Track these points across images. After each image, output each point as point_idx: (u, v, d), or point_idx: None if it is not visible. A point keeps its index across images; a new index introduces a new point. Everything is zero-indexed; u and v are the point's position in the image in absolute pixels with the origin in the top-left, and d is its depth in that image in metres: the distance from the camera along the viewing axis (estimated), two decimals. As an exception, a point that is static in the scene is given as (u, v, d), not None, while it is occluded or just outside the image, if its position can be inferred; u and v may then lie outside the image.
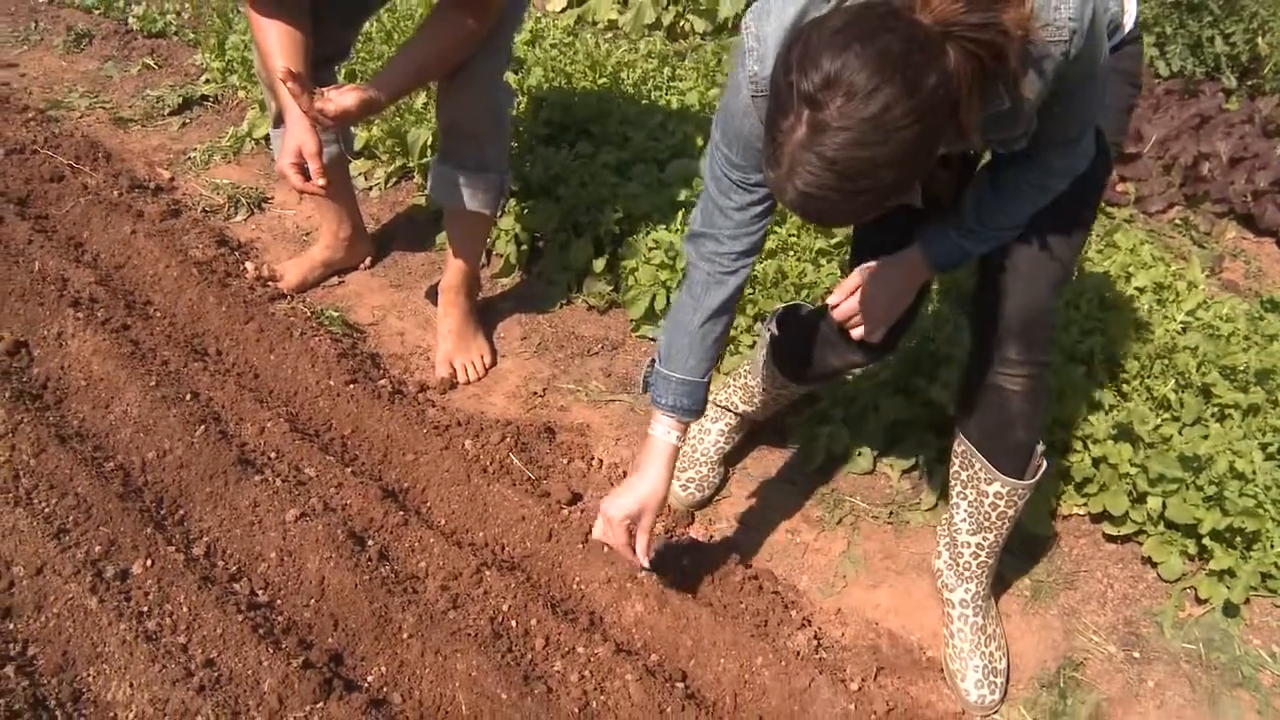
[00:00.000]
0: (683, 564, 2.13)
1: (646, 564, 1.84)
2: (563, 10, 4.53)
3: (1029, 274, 1.72)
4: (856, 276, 1.78)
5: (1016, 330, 1.75)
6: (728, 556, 2.17)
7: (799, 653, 1.95)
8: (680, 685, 1.84)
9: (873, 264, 1.76)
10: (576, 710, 1.75)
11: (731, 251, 1.67)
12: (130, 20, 4.33)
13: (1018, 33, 1.22)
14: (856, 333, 1.81)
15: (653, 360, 1.82)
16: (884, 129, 1.17)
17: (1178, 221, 3.39)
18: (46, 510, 2.02)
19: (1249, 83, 3.94)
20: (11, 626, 1.81)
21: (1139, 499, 2.19)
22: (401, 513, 2.11)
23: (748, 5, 4.18)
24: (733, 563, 2.14)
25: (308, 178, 2.16)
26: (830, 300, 1.81)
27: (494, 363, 2.69)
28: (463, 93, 2.34)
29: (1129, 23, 1.65)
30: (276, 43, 2.17)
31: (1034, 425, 1.85)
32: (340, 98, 2.07)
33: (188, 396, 2.34)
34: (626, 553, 1.82)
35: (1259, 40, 3.94)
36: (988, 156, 1.69)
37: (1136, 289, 2.72)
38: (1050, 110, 1.44)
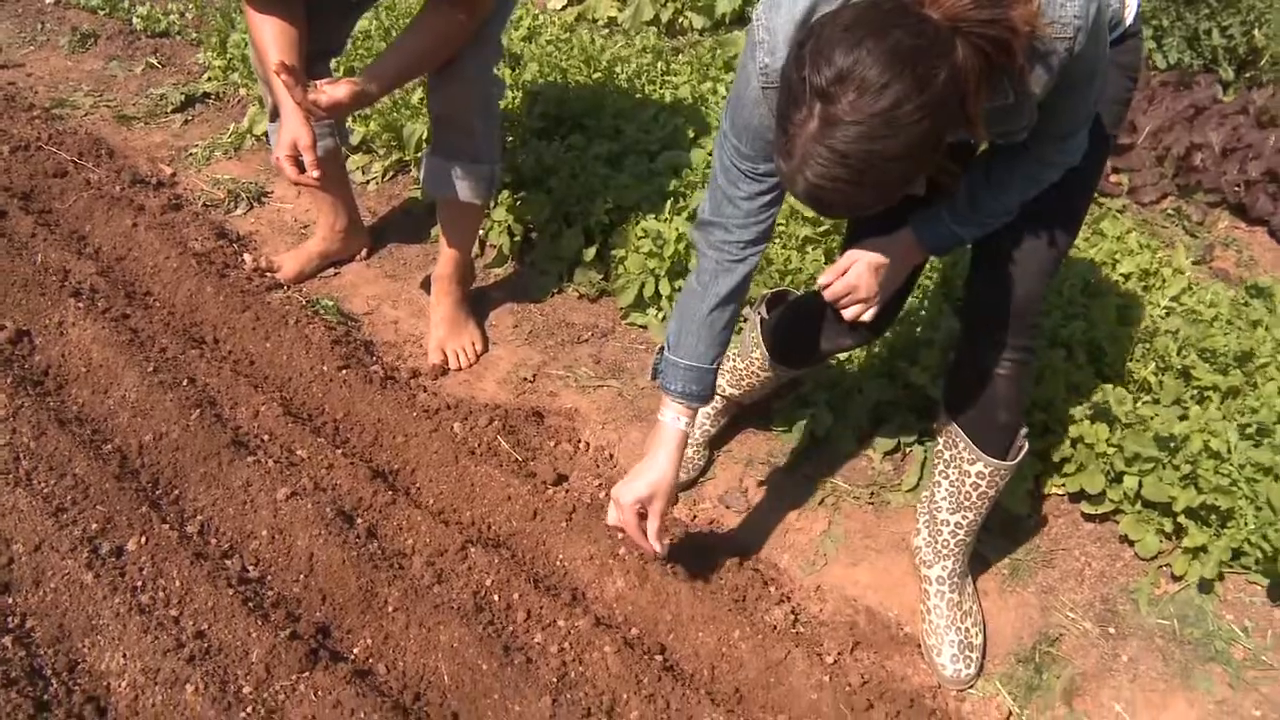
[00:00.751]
0: (666, 543, 2.17)
1: (659, 549, 1.86)
2: (563, 8, 4.58)
3: (1021, 262, 1.75)
4: (848, 257, 1.81)
5: (1005, 317, 1.78)
6: (710, 536, 2.21)
7: (776, 627, 1.99)
8: (659, 657, 1.88)
9: (865, 245, 1.79)
10: (555, 680, 1.80)
11: (740, 240, 1.70)
12: (134, 21, 4.40)
13: (1025, 29, 1.26)
14: (848, 313, 1.82)
15: (662, 347, 1.86)
16: (894, 123, 1.21)
17: (1170, 211, 3.41)
18: (45, 490, 2.08)
19: (1246, 75, 3.95)
20: (10, 600, 1.87)
21: (1116, 478, 2.22)
22: (390, 492, 2.16)
23: (745, 2, 4.23)
24: (714, 541, 2.19)
25: (303, 170, 2.21)
26: (821, 280, 1.83)
27: (485, 350, 2.74)
28: (453, 85, 2.38)
29: (1130, 17, 1.67)
30: (272, 38, 2.22)
31: (1018, 408, 1.89)
32: (333, 90, 2.13)
33: (184, 382, 2.40)
34: (639, 537, 1.84)
35: (1255, 33, 3.95)
36: (984, 144, 1.73)
37: (1122, 275, 2.75)
38: (1050, 105, 1.47)
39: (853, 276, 1.78)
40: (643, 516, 1.83)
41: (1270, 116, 3.59)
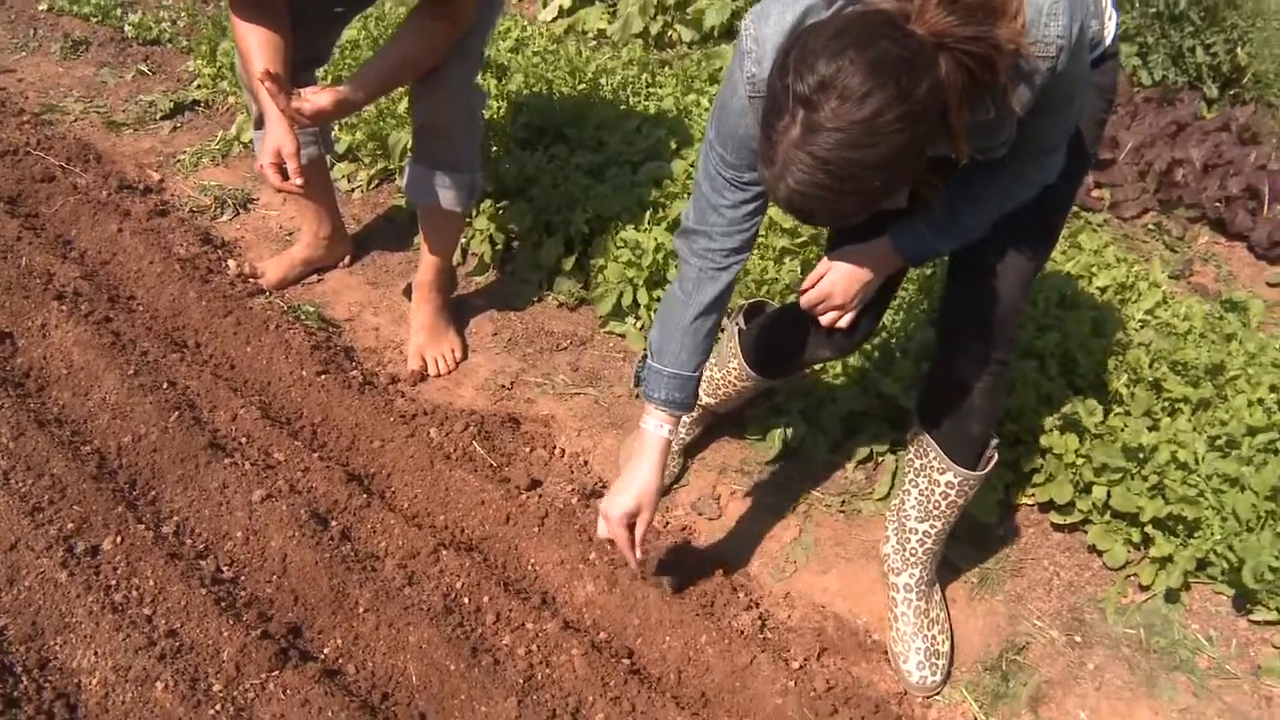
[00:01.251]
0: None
1: (640, 556, 1.87)
2: (553, 19, 4.62)
3: (998, 275, 1.77)
4: (824, 264, 1.83)
5: (981, 330, 1.81)
6: (681, 543, 2.23)
7: (743, 632, 2.01)
8: (626, 661, 1.90)
9: (842, 253, 1.81)
10: (522, 681, 1.81)
11: (723, 249, 1.71)
12: (126, 28, 4.43)
13: (1009, 47, 1.28)
14: (824, 319, 1.85)
15: (644, 355, 1.87)
16: (875, 132, 1.23)
17: (1151, 226, 3.44)
18: (23, 490, 2.10)
19: (1230, 92, 3.98)
20: (-16, 598, 1.89)
21: (1085, 489, 2.24)
22: (365, 496, 2.18)
23: (733, 15, 4.27)
24: (686, 548, 2.20)
25: (286, 177, 2.24)
26: (800, 286, 1.86)
27: (464, 357, 2.76)
28: (436, 95, 2.41)
29: (1109, 39, 1.70)
30: (256, 45, 2.24)
31: (990, 419, 1.91)
32: (316, 98, 2.16)
33: (164, 385, 2.42)
34: (629, 551, 1.85)
35: (1239, 50, 3.99)
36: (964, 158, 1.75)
37: (1098, 288, 2.78)
38: (1030, 122, 1.49)
39: (827, 284, 1.81)
40: (631, 528, 1.84)
41: (1252, 133, 3.62)
